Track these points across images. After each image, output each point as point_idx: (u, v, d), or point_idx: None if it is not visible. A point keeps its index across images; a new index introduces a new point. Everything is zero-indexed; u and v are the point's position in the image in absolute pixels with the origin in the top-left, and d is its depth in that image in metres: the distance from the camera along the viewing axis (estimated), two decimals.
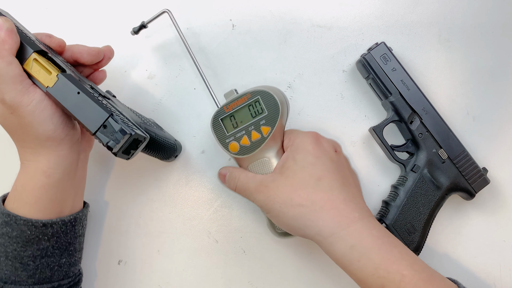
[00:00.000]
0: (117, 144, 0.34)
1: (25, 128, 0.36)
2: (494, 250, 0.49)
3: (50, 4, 0.52)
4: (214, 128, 0.43)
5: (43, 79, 0.35)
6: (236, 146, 0.42)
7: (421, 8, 0.51)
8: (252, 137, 0.42)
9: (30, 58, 0.35)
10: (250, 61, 0.51)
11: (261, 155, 0.42)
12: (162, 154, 0.46)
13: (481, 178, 0.47)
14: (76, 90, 0.35)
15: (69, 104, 0.35)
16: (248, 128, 0.42)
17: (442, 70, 0.51)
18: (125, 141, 0.34)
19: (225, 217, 0.50)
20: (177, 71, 0.51)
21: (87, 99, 0.35)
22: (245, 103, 0.42)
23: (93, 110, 0.34)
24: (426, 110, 0.47)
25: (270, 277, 0.49)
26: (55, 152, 0.37)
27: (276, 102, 0.41)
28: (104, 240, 0.50)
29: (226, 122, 0.42)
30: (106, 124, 0.34)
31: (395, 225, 0.46)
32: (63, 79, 0.35)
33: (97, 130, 0.34)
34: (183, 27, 0.51)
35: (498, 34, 0.51)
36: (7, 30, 0.34)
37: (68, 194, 0.41)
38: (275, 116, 0.41)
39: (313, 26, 0.51)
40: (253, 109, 0.42)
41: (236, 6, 0.51)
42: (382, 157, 0.50)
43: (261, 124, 0.42)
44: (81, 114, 0.35)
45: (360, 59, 0.48)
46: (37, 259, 0.39)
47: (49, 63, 0.36)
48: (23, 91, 0.34)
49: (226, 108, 0.42)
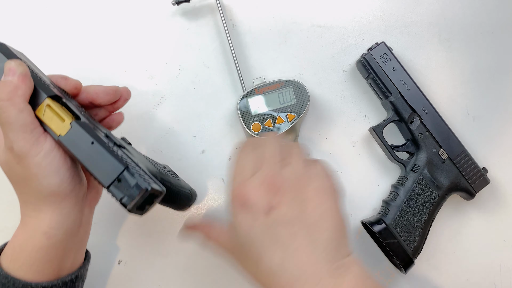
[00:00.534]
0: (132, 201, 0.31)
1: (29, 180, 0.33)
2: (494, 250, 0.49)
3: (50, 4, 0.52)
4: (241, 107, 0.46)
5: (55, 126, 0.33)
6: (258, 127, 0.45)
7: (421, 8, 0.51)
8: (277, 121, 0.45)
9: (43, 104, 0.33)
10: (250, 61, 0.51)
11: (281, 137, 0.45)
12: (176, 205, 0.42)
13: (481, 178, 0.47)
14: (90, 140, 0.32)
15: (82, 154, 0.32)
16: (274, 113, 0.45)
17: (442, 70, 0.51)
18: (141, 197, 0.31)
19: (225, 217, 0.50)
20: (177, 71, 0.51)
21: (101, 149, 0.32)
22: (276, 90, 0.46)
23: (107, 162, 0.32)
24: (426, 110, 0.47)
25: None
26: (58, 210, 0.35)
27: (307, 94, 0.46)
28: (104, 240, 0.50)
29: (254, 103, 0.46)
30: (121, 177, 0.31)
31: (395, 225, 0.46)
32: (77, 127, 0.33)
33: (111, 183, 0.31)
34: (183, 27, 0.51)
35: (498, 34, 0.51)
36: (20, 75, 0.32)
37: (69, 253, 0.38)
38: (303, 106, 0.46)
39: (313, 26, 0.51)
40: (282, 97, 0.46)
41: (236, 6, 0.51)
42: (382, 157, 0.50)
43: (288, 111, 0.45)
44: (95, 166, 0.32)
45: (360, 59, 0.48)
46: None
47: (63, 109, 0.34)
48: (32, 140, 0.32)
49: (257, 90, 0.46)
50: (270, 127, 0.45)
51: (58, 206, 0.34)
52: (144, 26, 0.51)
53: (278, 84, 0.46)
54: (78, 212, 0.36)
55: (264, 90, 0.46)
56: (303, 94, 0.46)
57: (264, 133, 0.46)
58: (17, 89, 0.32)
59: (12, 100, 0.31)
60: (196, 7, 0.51)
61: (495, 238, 0.50)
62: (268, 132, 0.46)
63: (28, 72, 0.33)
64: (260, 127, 0.45)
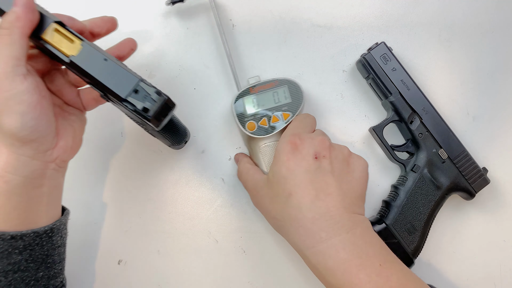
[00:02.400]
0: (153, 106, 0.33)
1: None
2: (494, 250, 0.49)
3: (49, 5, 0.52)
4: (236, 106, 0.45)
5: (66, 48, 0.34)
6: (253, 126, 0.45)
7: (421, 8, 0.51)
8: (271, 120, 0.45)
9: (49, 28, 0.34)
10: (250, 61, 0.51)
11: (275, 138, 0.45)
12: (176, 137, 0.45)
13: (481, 178, 0.47)
14: (103, 57, 0.34)
15: (96, 71, 0.33)
16: (269, 112, 0.45)
17: (442, 70, 0.51)
18: (160, 104, 0.33)
19: (225, 217, 0.50)
20: (177, 71, 0.51)
21: (115, 65, 0.34)
22: (271, 89, 0.46)
23: (122, 76, 0.33)
24: (426, 110, 0.47)
25: (270, 277, 0.49)
26: (14, 155, 0.34)
27: (301, 93, 0.46)
28: (104, 240, 0.50)
29: (248, 102, 0.46)
30: (138, 88, 0.33)
31: (395, 225, 0.46)
32: (88, 47, 0.34)
33: (129, 94, 0.33)
34: (183, 27, 0.51)
35: (498, 34, 0.51)
36: (23, 6, 0.32)
37: (37, 203, 0.37)
38: (298, 104, 0.45)
39: (313, 26, 0.51)
40: (277, 96, 0.45)
41: (236, 6, 0.51)
42: (382, 157, 0.50)
43: (283, 109, 0.45)
44: (110, 80, 0.33)
45: (360, 59, 0.48)
46: (9, 274, 0.35)
47: (69, 33, 0.35)
48: (9, 75, 0.32)
49: (252, 89, 0.46)
50: (265, 126, 0.45)
51: (16, 151, 0.34)
52: (144, 26, 0.51)
53: (272, 83, 0.46)
54: (40, 163, 0.35)
55: (258, 89, 0.46)
56: (298, 93, 0.46)
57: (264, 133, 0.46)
58: (18, 20, 0.32)
59: (10, 29, 0.32)
60: (194, 6, 0.51)
61: (495, 238, 0.50)
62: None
63: (33, 4, 0.33)
64: (255, 126, 0.45)
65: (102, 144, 0.51)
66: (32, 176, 0.35)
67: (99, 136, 0.50)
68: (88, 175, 0.50)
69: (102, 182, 0.51)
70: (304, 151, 0.39)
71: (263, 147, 0.46)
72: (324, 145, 0.40)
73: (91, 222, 0.50)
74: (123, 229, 0.50)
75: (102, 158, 0.51)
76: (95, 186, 0.51)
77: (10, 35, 0.32)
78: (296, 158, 0.38)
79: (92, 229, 0.50)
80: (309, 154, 0.39)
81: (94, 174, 0.51)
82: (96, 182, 0.51)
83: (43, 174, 0.36)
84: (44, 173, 0.36)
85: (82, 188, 0.50)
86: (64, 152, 0.38)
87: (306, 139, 0.40)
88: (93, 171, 0.50)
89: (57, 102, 0.39)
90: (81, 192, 0.50)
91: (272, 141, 0.45)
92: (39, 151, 0.35)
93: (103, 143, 0.51)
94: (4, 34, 0.32)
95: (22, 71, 0.32)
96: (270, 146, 0.45)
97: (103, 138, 0.50)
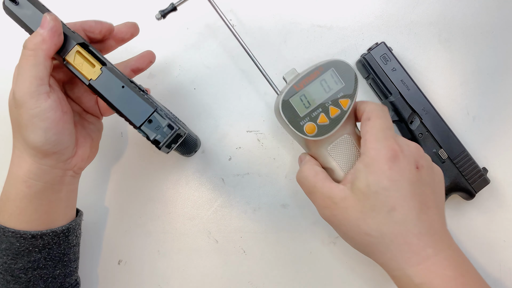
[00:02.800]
0: (165, 139, 0.35)
1: (19, 127, 0.35)
2: (494, 250, 0.49)
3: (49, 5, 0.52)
4: (284, 112, 0.38)
5: (86, 71, 0.36)
6: (313, 127, 0.38)
7: (421, 8, 0.51)
8: (330, 113, 0.38)
9: (73, 50, 0.36)
10: (250, 61, 0.51)
11: (341, 132, 0.39)
12: (186, 149, 0.47)
13: (481, 178, 0.47)
14: (121, 84, 0.35)
15: (113, 97, 0.35)
16: (325, 105, 0.38)
17: (442, 70, 0.51)
18: (170, 136, 0.35)
19: (225, 217, 0.50)
20: (177, 71, 0.51)
21: (131, 93, 0.35)
22: (317, 78, 0.38)
23: (138, 105, 0.35)
24: (426, 110, 0.47)
25: (270, 277, 0.49)
26: (37, 164, 0.36)
27: (353, 71, 0.38)
28: (104, 240, 0.50)
29: (297, 102, 0.38)
30: (152, 118, 0.35)
31: None
32: (107, 72, 0.35)
33: (142, 124, 0.35)
34: (183, 27, 0.51)
35: (498, 34, 0.51)
36: (50, 30, 0.34)
37: (56, 206, 0.39)
38: (353, 86, 0.38)
39: (313, 26, 0.51)
40: (325, 84, 0.38)
41: (236, 6, 0.51)
42: None
43: (339, 97, 0.38)
44: (126, 108, 0.35)
45: (360, 59, 0.48)
46: (28, 271, 0.38)
47: (91, 56, 0.36)
48: (34, 94, 0.34)
49: (296, 86, 0.38)
50: (326, 122, 0.38)
51: (38, 161, 0.36)
52: (144, 26, 0.51)
53: (317, 71, 0.38)
54: (59, 171, 0.38)
55: (304, 84, 0.38)
56: (349, 72, 0.38)
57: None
58: (43, 43, 0.34)
59: (36, 51, 0.34)
60: (194, 6, 0.51)
61: (495, 238, 0.50)
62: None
63: (59, 29, 0.35)
64: (315, 127, 0.37)
65: (102, 144, 0.51)
66: (52, 182, 0.38)
67: None
68: (88, 175, 0.50)
69: (102, 182, 0.51)
70: (406, 159, 0.35)
71: (331, 148, 0.39)
72: (421, 153, 0.36)
73: (91, 222, 0.50)
74: (123, 229, 0.50)
75: (102, 159, 0.51)
76: (95, 186, 0.51)
77: (35, 56, 0.33)
78: (399, 167, 0.34)
79: (92, 229, 0.50)
80: (411, 163, 0.35)
81: (94, 175, 0.51)
82: (96, 182, 0.51)
83: (62, 180, 0.39)
84: (63, 180, 0.39)
85: (82, 188, 0.50)
86: (82, 160, 0.40)
87: (403, 146, 0.36)
88: (93, 171, 0.50)
89: (76, 109, 0.41)
90: (81, 192, 0.50)
91: (339, 137, 0.39)
92: (59, 161, 0.37)
93: (103, 143, 0.51)
94: (30, 55, 0.34)
95: (46, 90, 0.35)
96: (339, 144, 0.39)
97: (103, 138, 0.50)
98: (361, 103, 0.39)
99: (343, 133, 0.39)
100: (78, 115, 0.41)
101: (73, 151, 0.39)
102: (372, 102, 0.38)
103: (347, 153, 0.39)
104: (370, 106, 0.38)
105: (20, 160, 0.37)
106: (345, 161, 0.38)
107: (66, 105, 0.37)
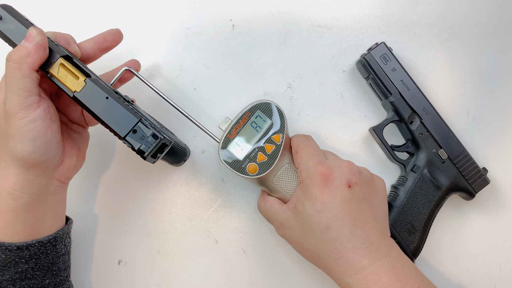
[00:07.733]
0: (149, 149, 0.35)
1: (7, 138, 0.35)
2: (494, 250, 0.49)
3: (50, 4, 0.52)
4: (225, 160, 0.42)
5: (70, 84, 0.36)
6: (254, 167, 0.42)
7: (421, 8, 0.51)
8: (267, 150, 0.42)
9: (56, 63, 0.36)
10: (250, 61, 0.51)
11: (281, 164, 0.43)
12: (174, 159, 0.46)
13: (481, 178, 0.47)
14: (105, 95, 0.35)
15: (97, 108, 0.35)
16: (259, 144, 0.42)
17: (442, 70, 0.51)
18: (155, 145, 0.35)
19: (225, 217, 0.50)
20: (177, 71, 0.51)
21: (116, 104, 0.35)
22: (247, 122, 0.42)
23: (122, 115, 0.35)
24: (426, 110, 0.47)
25: (270, 277, 0.49)
26: (23, 175, 0.36)
27: (277, 109, 0.43)
28: (104, 240, 0.50)
29: (235, 148, 0.42)
30: (136, 129, 0.35)
31: (395, 225, 0.46)
32: (91, 84, 0.35)
33: (127, 134, 0.35)
34: (183, 27, 0.51)
35: (498, 34, 0.51)
36: (36, 45, 0.34)
37: (43, 217, 0.39)
38: (280, 121, 0.42)
39: (313, 26, 0.51)
40: (256, 125, 0.42)
41: (236, 6, 0.51)
42: (382, 157, 0.50)
43: (270, 134, 0.42)
44: (110, 118, 0.35)
45: (360, 59, 0.48)
46: (16, 282, 0.37)
47: (75, 68, 0.36)
48: (23, 105, 0.34)
49: (230, 135, 0.42)
50: (265, 159, 0.41)
51: (24, 172, 0.36)
52: (144, 26, 0.51)
53: (245, 116, 0.42)
54: (45, 181, 0.38)
55: (236, 130, 0.42)
56: (273, 110, 0.42)
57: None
58: (28, 56, 0.34)
59: (20, 64, 0.34)
60: (194, 7, 0.51)
61: (495, 238, 0.50)
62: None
63: (45, 43, 0.35)
64: (256, 166, 0.41)
65: (102, 144, 0.51)
66: (38, 193, 0.38)
67: (98, 135, 0.50)
68: (88, 175, 0.50)
69: (102, 182, 0.51)
70: (336, 181, 0.38)
71: (276, 180, 0.42)
72: (353, 170, 0.39)
73: (91, 222, 0.50)
74: (123, 229, 0.50)
75: (102, 159, 0.51)
76: (95, 186, 0.51)
77: (20, 69, 0.34)
78: (329, 190, 0.38)
79: (92, 229, 0.50)
80: (342, 184, 0.38)
81: (94, 175, 0.51)
82: (96, 183, 0.51)
83: (48, 190, 0.39)
84: (49, 190, 0.39)
85: (82, 189, 0.50)
86: (68, 170, 0.40)
87: (334, 168, 0.39)
88: (93, 171, 0.50)
89: (63, 119, 0.41)
90: (81, 193, 0.50)
91: (281, 168, 0.43)
92: (46, 170, 0.37)
93: (103, 143, 0.51)
94: (14, 68, 0.34)
95: (35, 100, 0.35)
96: (282, 175, 0.43)
97: (102, 137, 0.50)
98: (291, 138, 0.44)
99: (283, 164, 0.43)
100: (64, 125, 0.41)
101: (60, 160, 0.39)
102: (297, 135, 0.44)
103: (290, 181, 0.43)
104: (295, 140, 0.43)
105: (6, 172, 0.36)
106: (290, 187, 0.42)
107: (55, 114, 0.37)
